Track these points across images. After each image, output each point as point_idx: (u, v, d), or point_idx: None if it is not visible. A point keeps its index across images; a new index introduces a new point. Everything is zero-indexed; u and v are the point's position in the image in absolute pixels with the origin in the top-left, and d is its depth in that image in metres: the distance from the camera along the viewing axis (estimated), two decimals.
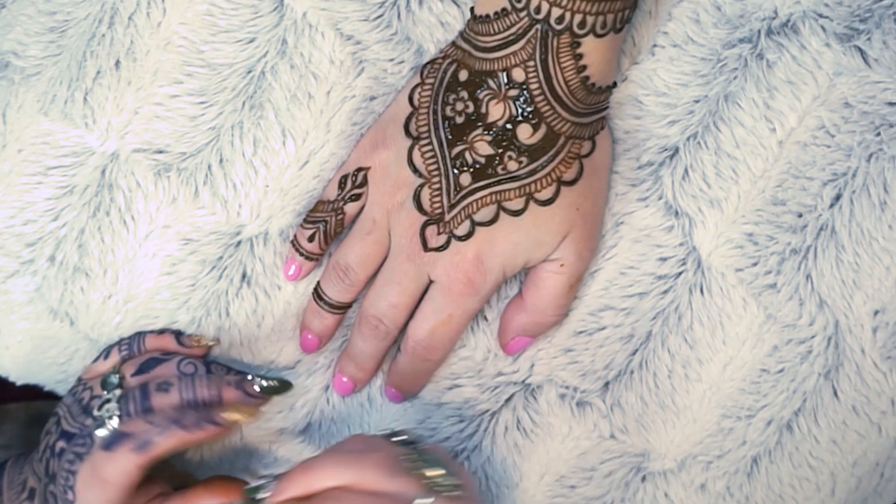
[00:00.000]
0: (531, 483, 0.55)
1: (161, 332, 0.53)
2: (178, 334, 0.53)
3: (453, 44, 0.49)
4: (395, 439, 0.48)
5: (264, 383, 0.50)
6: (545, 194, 0.48)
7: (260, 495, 0.45)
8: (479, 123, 0.47)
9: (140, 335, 0.53)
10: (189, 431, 0.47)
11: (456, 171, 0.48)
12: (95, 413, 0.48)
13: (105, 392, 0.49)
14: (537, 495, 0.55)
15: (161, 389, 0.48)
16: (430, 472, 0.45)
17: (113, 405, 0.48)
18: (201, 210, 0.51)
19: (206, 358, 0.53)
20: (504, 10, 0.46)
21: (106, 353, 0.53)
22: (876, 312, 0.51)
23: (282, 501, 0.45)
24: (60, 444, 0.48)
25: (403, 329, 0.53)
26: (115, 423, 0.47)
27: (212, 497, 0.49)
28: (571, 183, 0.48)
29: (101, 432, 0.48)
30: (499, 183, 0.48)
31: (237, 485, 0.50)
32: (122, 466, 0.47)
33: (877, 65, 0.49)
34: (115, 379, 0.49)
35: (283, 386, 0.51)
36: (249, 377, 0.50)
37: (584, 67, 0.46)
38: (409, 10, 0.50)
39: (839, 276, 0.51)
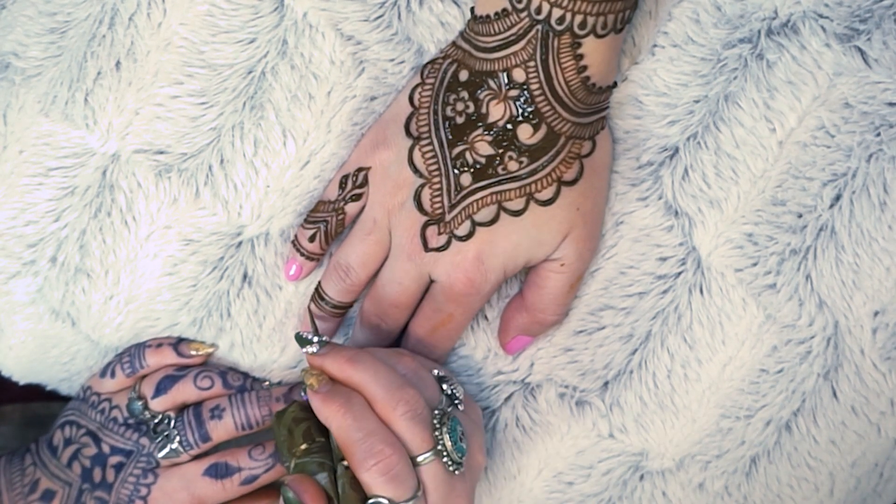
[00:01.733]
0: (529, 477, 0.55)
1: (159, 344, 0.53)
2: (176, 344, 0.53)
3: (454, 44, 0.49)
4: (443, 385, 0.49)
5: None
6: (546, 194, 0.48)
7: (305, 348, 0.48)
8: (480, 123, 0.47)
9: (139, 349, 0.54)
10: None
11: (456, 171, 0.48)
12: (155, 439, 0.53)
13: (133, 417, 0.53)
14: (535, 489, 0.55)
15: (215, 416, 0.52)
16: (447, 442, 0.46)
17: (172, 433, 0.53)
18: (202, 211, 0.51)
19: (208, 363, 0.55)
20: (504, 10, 0.45)
21: (111, 372, 0.54)
22: (876, 313, 0.51)
23: (313, 367, 0.47)
24: (117, 458, 0.53)
25: (404, 329, 0.53)
26: (176, 446, 0.52)
27: (253, 502, 0.54)
28: (572, 183, 0.48)
29: (166, 454, 0.53)
30: (499, 183, 0.48)
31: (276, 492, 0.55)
32: (226, 493, 0.53)
33: (877, 65, 0.49)
34: (139, 406, 0.53)
35: None
36: (295, 387, 0.53)
37: (585, 68, 0.46)
38: (410, 11, 0.50)
39: (839, 277, 0.51)
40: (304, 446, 0.47)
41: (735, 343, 0.52)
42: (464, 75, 0.48)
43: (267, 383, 0.54)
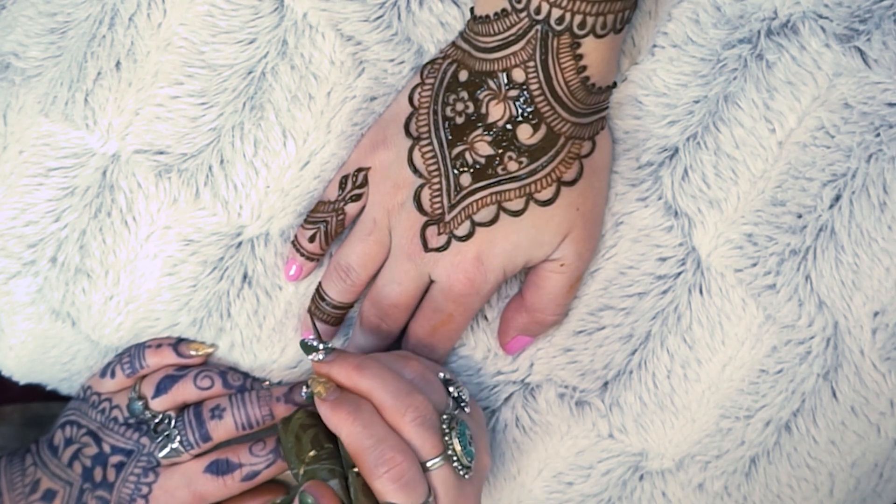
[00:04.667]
0: (529, 477, 0.55)
1: (159, 345, 0.54)
2: (175, 344, 0.53)
3: (453, 44, 0.49)
4: (450, 388, 0.49)
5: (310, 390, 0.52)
6: (545, 194, 0.48)
7: (311, 356, 0.48)
8: (480, 124, 0.47)
9: (139, 349, 0.54)
10: None
11: (456, 171, 0.48)
12: (156, 438, 0.53)
13: (133, 417, 0.54)
14: (535, 490, 0.55)
15: (215, 416, 0.52)
16: (456, 446, 0.46)
17: (172, 432, 0.53)
18: (202, 211, 0.51)
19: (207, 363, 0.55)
20: (504, 10, 0.46)
21: (111, 372, 0.54)
22: (875, 314, 0.51)
23: (320, 375, 0.48)
24: (118, 457, 0.53)
25: (404, 329, 0.53)
26: (176, 446, 0.52)
27: (254, 498, 0.54)
28: (571, 183, 0.48)
29: (167, 454, 0.53)
30: (499, 183, 0.48)
31: (278, 487, 0.55)
32: (227, 490, 0.53)
33: (876, 65, 0.49)
34: (139, 406, 0.53)
35: None
36: (296, 387, 0.53)
37: (584, 68, 0.46)
38: (410, 11, 0.50)
39: (838, 277, 0.51)
40: (312, 453, 0.47)
41: (735, 343, 0.52)
42: (463, 75, 0.48)
43: (267, 383, 0.54)
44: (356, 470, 0.46)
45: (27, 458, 0.55)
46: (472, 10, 0.48)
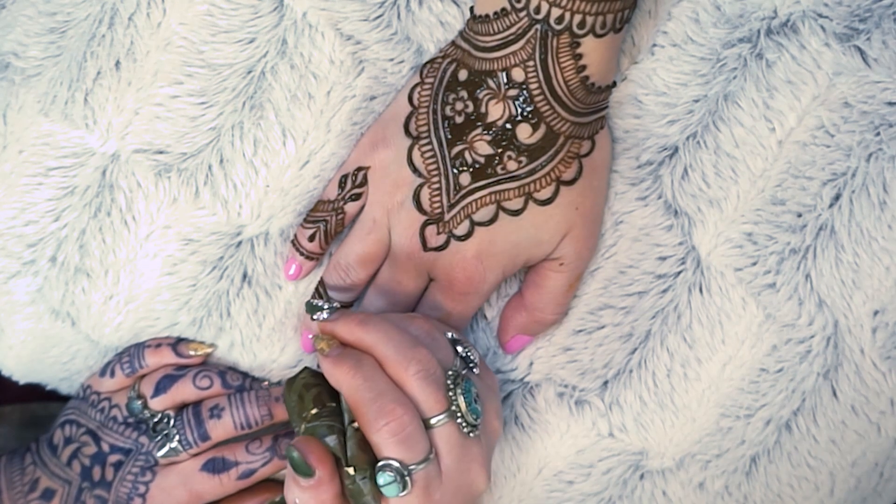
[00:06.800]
0: (529, 476, 0.55)
1: (158, 344, 0.54)
2: (175, 344, 0.53)
3: (453, 43, 0.49)
4: (458, 348, 0.48)
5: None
6: (544, 194, 0.48)
7: (315, 315, 0.47)
8: (479, 123, 0.47)
9: (138, 349, 0.54)
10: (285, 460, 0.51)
11: (455, 170, 0.48)
12: (155, 438, 0.53)
13: (132, 416, 0.54)
14: (535, 488, 0.55)
15: (214, 416, 0.52)
16: (461, 403, 0.45)
17: (171, 431, 0.53)
18: (202, 210, 0.51)
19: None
20: (504, 9, 0.46)
21: (111, 371, 0.54)
22: (875, 312, 0.51)
23: (325, 332, 0.47)
24: (116, 456, 0.53)
25: None
26: (175, 445, 0.52)
27: (252, 497, 0.54)
28: (571, 182, 0.48)
29: (166, 454, 0.53)
30: (498, 183, 0.48)
31: (276, 486, 0.55)
32: (224, 488, 0.53)
33: (876, 64, 0.49)
34: (138, 405, 0.53)
35: None
36: None
37: (584, 67, 0.46)
38: (409, 10, 0.50)
39: (838, 276, 0.51)
40: (314, 411, 0.46)
41: (735, 342, 0.52)
42: (463, 75, 0.48)
43: (266, 383, 0.54)
44: (355, 425, 0.45)
45: (26, 458, 0.55)
46: (471, 9, 0.48)
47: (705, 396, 0.52)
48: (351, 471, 0.44)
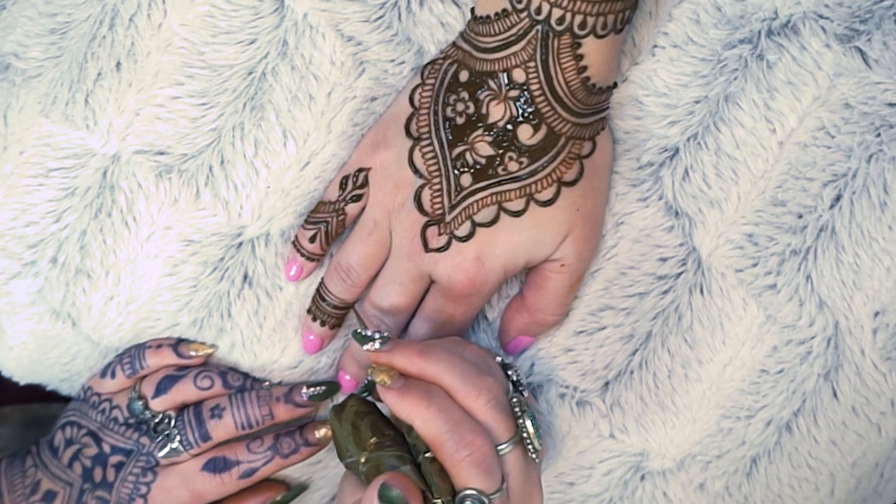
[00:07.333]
0: None
1: (159, 345, 0.54)
2: (175, 345, 0.53)
3: (454, 44, 0.49)
4: (508, 372, 0.48)
5: (311, 391, 0.52)
6: (546, 195, 0.48)
7: (366, 347, 0.46)
8: (480, 124, 0.47)
9: (139, 350, 0.54)
10: (287, 458, 0.53)
11: (456, 171, 0.48)
12: (156, 438, 0.53)
13: (133, 417, 0.54)
14: None
15: (215, 416, 0.52)
16: (530, 428, 0.46)
17: (172, 432, 0.53)
18: (203, 211, 0.51)
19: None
20: (505, 10, 0.46)
21: (112, 372, 0.54)
22: (876, 314, 0.51)
23: (379, 364, 0.46)
24: (117, 457, 0.53)
25: (405, 329, 0.53)
26: (176, 446, 0.52)
27: (254, 496, 0.54)
28: (572, 183, 0.48)
29: (167, 454, 0.53)
30: (499, 184, 0.48)
31: (278, 485, 0.55)
32: (225, 488, 0.53)
33: (877, 66, 0.49)
34: (139, 406, 0.53)
35: (329, 389, 0.53)
36: (296, 387, 0.53)
37: (585, 68, 0.46)
38: (410, 11, 0.50)
39: (839, 277, 0.51)
40: (374, 440, 0.46)
41: (735, 343, 0.52)
42: (464, 76, 0.48)
43: (267, 383, 0.54)
44: (429, 455, 0.44)
45: (27, 460, 0.55)
46: (472, 10, 0.48)
47: (706, 397, 0.52)
48: (439, 503, 0.44)
